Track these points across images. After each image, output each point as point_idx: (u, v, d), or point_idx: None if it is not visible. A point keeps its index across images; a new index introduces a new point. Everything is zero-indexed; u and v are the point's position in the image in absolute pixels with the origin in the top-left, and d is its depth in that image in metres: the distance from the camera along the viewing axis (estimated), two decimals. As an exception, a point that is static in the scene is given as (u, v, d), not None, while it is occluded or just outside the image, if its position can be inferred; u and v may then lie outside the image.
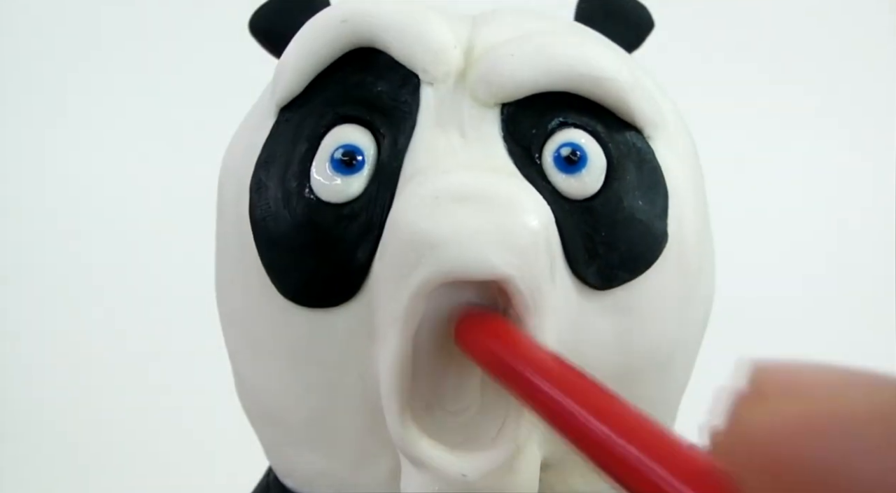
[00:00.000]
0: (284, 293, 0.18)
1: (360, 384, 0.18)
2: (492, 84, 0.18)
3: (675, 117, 0.21)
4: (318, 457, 0.19)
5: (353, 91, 0.19)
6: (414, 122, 0.18)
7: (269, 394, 0.20)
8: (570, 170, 0.18)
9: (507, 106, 0.18)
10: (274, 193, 0.18)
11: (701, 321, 0.21)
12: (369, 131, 0.18)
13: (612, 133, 0.19)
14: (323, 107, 0.19)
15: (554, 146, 0.18)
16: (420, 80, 0.18)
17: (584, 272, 0.18)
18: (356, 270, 0.18)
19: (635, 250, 0.18)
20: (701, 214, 0.20)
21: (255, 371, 0.20)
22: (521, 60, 0.18)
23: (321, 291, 0.18)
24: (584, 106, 0.18)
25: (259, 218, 0.19)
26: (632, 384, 0.19)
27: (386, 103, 0.18)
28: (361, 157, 0.18)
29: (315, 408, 0.19)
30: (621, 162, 0.18)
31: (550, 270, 0.17)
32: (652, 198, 0.19)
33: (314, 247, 0.18)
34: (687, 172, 0.20)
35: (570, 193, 0.18)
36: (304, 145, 0.18)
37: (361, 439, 0.19)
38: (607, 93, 0.18)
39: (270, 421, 0.20)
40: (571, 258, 0.18)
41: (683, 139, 0.21)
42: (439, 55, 0.18)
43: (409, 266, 0.16)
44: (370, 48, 0.19)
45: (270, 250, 0.18)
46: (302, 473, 0.20)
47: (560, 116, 0.18)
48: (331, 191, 0.18)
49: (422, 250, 0.16)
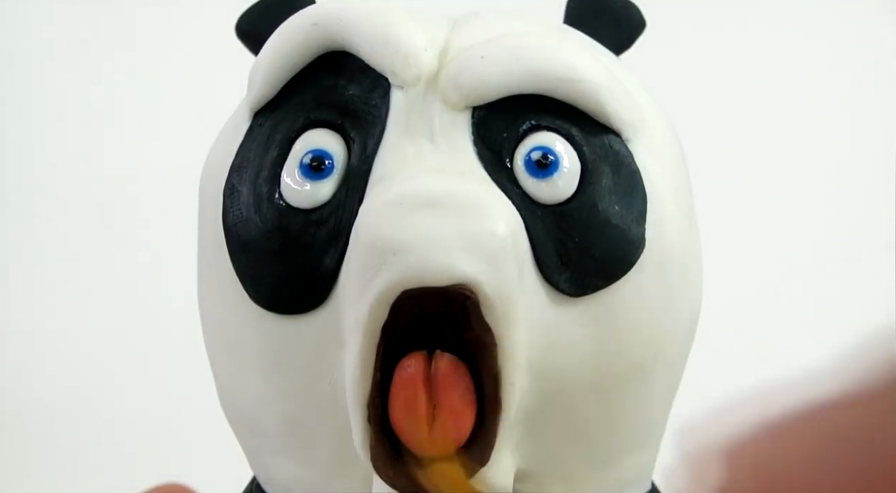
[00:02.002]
0: (255, 300, 0.18)
1: (331, 391, 0.18)
2: (461, 87, 0.18)
3: (659, 120, 0.20)
4: (294, 464, 0.19)
5: (325, 95, 0.18)
6: (383, 126, 0.18)
7: (245, 400, 0.19)
8: (541, 174, 0.17)
9: (477, 109, 0.18)
10: (246, 199, 0.18)
11: (685, 328, 0.20)
12: (340, 136, 0.18)
13: (588, 136, 0.18)
14: (295, 111, 0.18)
15: (525, 150, 0.18)
16: (390, 84, 0.18)
17: (556, 279, 0.17)
18: (324, 276, 0.17)
19: (610, 256, 0.18)
20: (685, 218, 0.20)
21: (232, 378, 0.20)
22: (490, 62, 0.18)
23: (290, 297, 0.18)
24: (560, 109, 0.18)
25: (231, 224, 0.19)
26: (610, 395, 0.18)
27: (357, 107, 0.18)
28: (330, 161, 0.18)
29: (288, 415, 0.19)
30: (597, 166, 0.18)
31: (519, 277, 0.17)
32: (629, 202, 0.18)
33: (283, 253, 0.18)
34: (669, 176, 0.19)
35: (541, 198, 0.17)
36: (275, 150, 0.18)
37: (335, 446, 0.18)
38: (582, 95, 0.18)
39: (248, 428, 0.20)
40: (543, 265, 0.17)
41: (668, 142, 0.20)
42: (409, 58, 0.18)
43: (372, 272, 0.16)
44: (343, 51, 0.19)
45: (242, 255, 0.18)
46: (280, 480, 0.20)
47: (532, 119, 0.18)
48: (300, 196, 0.18)
49: (384, 256, 0.16)
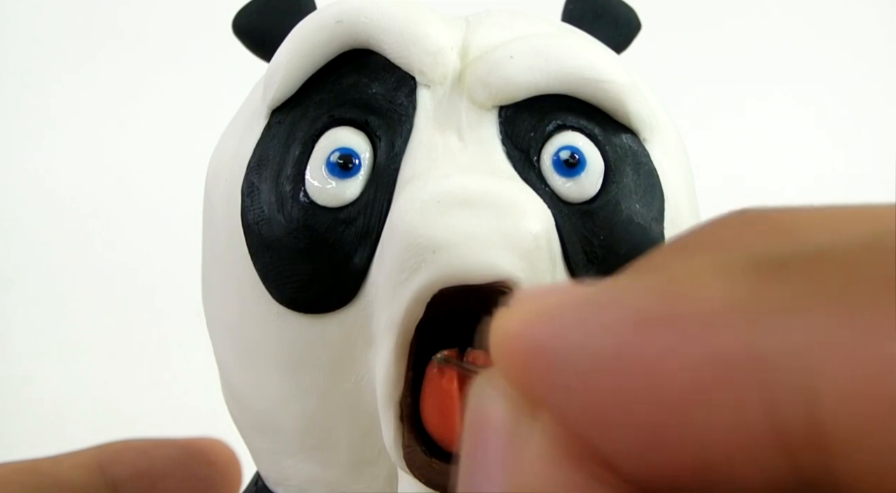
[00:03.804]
0: (279, 299, 0.18)
1: (355, 391, 0.18)
2: (490, 86, 0.18)
3: (667, 119, 0.20)
4: (313, 464, 0.19)
5: (347, 93, 0.18)
6: (411, 124, 0.18)
7: (261, 402, 0.19)
8: (569, 173, 0.18)
9: (504, 109, 0.18)
10: (267, 197, 0.18)
11: None
12: (364, 134, 0.18)
13: (609, 136, 0.18)
14: (317, 109, 0.18)
15: (552, 149, 0.18)
16: (417, 83, 0.18)
17: (583, 276, 0.18)
18: (354, 274, 0.17)
19: (634, 254, 0.18)
20: (694, 215, 0.20)
21: (248, 379, 0.19)
22: (519, 63, 0.18)
23: (317, 296, 0.18)
24: (581, 109, 0.18)
25: (252, 222, 0.18)
26: None
27: (382, 105, 0.18)
28: (358, 160, 0.18)
29: (310, 415, 0.18)
30: (618, 165, 0.18)
31: (552, 274, 0.17)
32: (649, 201, 0.19)
33: (310, 252, 0.17)
34: (680, 173, 0.20)
35: (568, 197, 0.18)
36: (297, 148, 0.18)
37: (358, 445, 0.18)
38: (606, 95, 0.18)
39: (262, 429, 0.20)
40: (571, 262, 0.17)
41: (675, 141, 0.21)
42: (437, 57, 0.18)
43: (410, 270, 0.16)
44: (364, 49, 0.18)
45: (264, 255, 0.18)
46: (296, 480, 0.20)
47: (558, 118, 0.18)
48: (326, 195, 0.17)
49: (423, 254, 0.16)
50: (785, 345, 0.07)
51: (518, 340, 0.08)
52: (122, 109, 0.58)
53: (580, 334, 0.08)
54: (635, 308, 0.08)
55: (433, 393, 0.16)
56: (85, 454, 0.17)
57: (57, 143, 0.58)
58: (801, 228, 0.09)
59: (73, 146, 0.58)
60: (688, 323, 0.08)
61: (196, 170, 0.22)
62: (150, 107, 0.58)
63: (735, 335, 0.07)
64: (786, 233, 0.09)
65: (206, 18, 0.46)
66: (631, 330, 0.08)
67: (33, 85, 0.58)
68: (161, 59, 0.58)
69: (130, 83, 0.58)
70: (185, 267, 0.25)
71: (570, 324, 0.08)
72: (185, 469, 0.17)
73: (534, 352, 0.08)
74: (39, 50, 0.58)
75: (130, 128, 0.58)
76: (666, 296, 0.08)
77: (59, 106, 0.59)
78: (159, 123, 0.57)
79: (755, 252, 0.08)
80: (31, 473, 0.16)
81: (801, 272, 0.08)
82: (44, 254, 0.56)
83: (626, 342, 0.08)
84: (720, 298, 0.08)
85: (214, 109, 0.25)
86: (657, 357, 0.08)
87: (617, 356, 0.08)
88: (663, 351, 0.08)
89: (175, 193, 0.40)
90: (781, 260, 0.08)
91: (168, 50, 0.58)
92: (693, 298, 0.08)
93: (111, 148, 0.58)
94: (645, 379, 0.08)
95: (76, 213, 0.57)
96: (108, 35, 0.58)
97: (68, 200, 0.57)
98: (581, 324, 0.08)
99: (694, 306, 0.08)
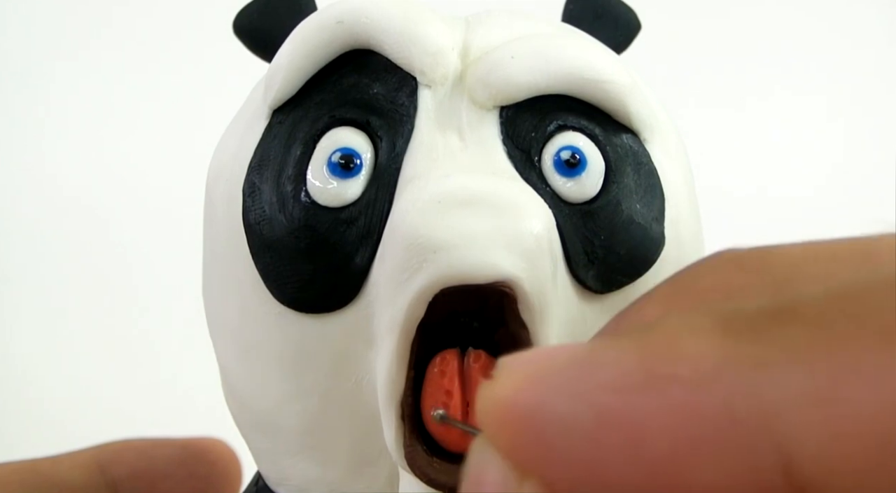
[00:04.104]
0: (280, 299, 0.18)
1: (356, 390, 0.18)
2: (491, 86, 0.18)
3: (667, 119, 0.21)
4: (313, 464, 0.19)
5: (348, 93, 0.18)
6: (412, 125, 0.18)
7: (262, 401, 0.19)
8: (570, 173, 0.18)
9: (505, 109, 0.18)
10: (268, 197, 0.18)
11: None
12: (366, 134, 0.18)
13: (610, 136, 0.18)
14: (318, 109, 0.18)
15: (553, 149, 0.18)
16: (418, 83, 0.18)
17: (584, 276, 0.18)
18: (355, 274, 0.17)
19: (634, 254, 0.18)
20: (695, 216, 0.20)
21: (248, 379, 0.19)
22: (520, 63, 0.18)
23: (318, 296, 0.18)
24: (581, 109, 0.18)
25: (253, 222, 0.18)
26: None
27: (383, 106, 0.18)
28: (359, 160, 0.18)
29: (311, 415, 0.19)
30: (619, 165, 0.18)
31: (553, 274, 0.17)
32: (649, 201, 0.19)
33: (311, 252, 0.17)
34: (680, 174, 0.20)
35: (569, 197, 0.18)
36: (298, 148, 0.18)
37: (359, 445, 0.18)
38: (607, 96, 0.18)
39: (263, 429, 0.20)
40: (572, 262, 0.17)
41: (675, 141, 0.21)
42: (438, 58, 0.18)
43: (411, 271, 0.16)
44: (365, 49, 0.18)
45: (265, 254, 0.18)
46: (296, 480, 0.20)
47: (559, 119, 0.18)
48: (328, 195, 0.17)
49: (424, 255, 0.16)
50: (759, 404, 0.08)
51: (504, 410, 0.09)
52: (122, 108, 0.58)
53: (563, 403, 0.09)
54: (614, 375, 0.08)
55: (434, 393, 0.16)
56: (85, 454, 0.17)
57: (57, 142, 0.58)
58: (774, 272, 0.10)
59: (73, 146, 0.58)
60: (666, 387, 0.08)
61: (196, 170, 0.22)
62: (151, 106, 0.58)
63: (711, 398, 0.08)
64: (760, 275, 0.10)
65: (206, 18, 0.46)
66: (611, 396, 0.08)
67: (33, 85, 0.58)
68: (162, 59, 0.58)
69: (131, 83, 0.58)
70: (186, 267, 0.25)
71: (554, 392, 0.09)
72: (185, 469, 0.17)
73: (520, 422, 0.09)
74: (39, 50, 0.58)
75: (131, 127, 0.58)
76: (645, 359, 0.08)
77: (59, 105, 0.59)
78: (160, 123, 0.57)
79: (727, 310, 0.09)
80: (30, 473, 0.16)
81: (769, 329, 0.08)
82: (44, 254, 0.56)
83: (607, 408, 0.08)
84: (696, 361, 0.08)
85: (215, 109, 0.25)
86: (637, 423, 0.08)
87: (598, 424, 0.08)
88: (643, 416, 0.08)
89: (175, 193, 0.40)
90: (752, 317, 0.08)
91: (169, 50, 0.58)
92: (670, 360, 0.08)
93: (111, 147, 0.58)
94: (626, 446, 0.08)
95: (76, 212, 0.57)
96: (108, 35, 0.59)
97: (68, 200, 0.57)
98: (563, 391, 0.09)
99: (671, 369, 0.08)
